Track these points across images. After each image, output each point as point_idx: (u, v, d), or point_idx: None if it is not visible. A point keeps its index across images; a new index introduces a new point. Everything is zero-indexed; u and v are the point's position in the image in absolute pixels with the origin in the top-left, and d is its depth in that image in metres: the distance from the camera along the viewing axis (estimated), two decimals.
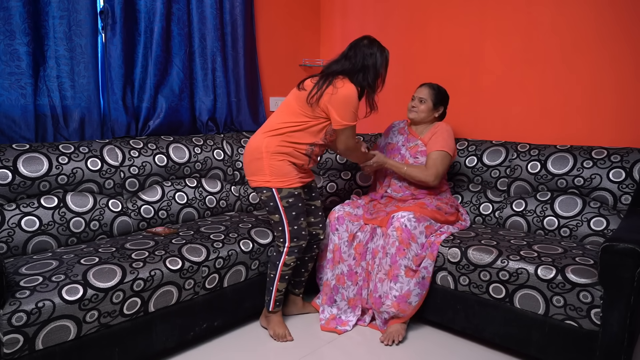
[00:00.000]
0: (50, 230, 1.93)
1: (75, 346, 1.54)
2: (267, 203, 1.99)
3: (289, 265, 2.02)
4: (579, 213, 2.16)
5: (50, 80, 2.17)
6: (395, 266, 2.01)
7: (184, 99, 2.67)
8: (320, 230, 2.21)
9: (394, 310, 2.02)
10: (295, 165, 2.00)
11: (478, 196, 2.50)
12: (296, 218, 1.99)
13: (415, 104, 2.39)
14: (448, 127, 2.36)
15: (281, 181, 1.95)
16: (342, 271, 2.21)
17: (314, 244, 2.20)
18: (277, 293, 2.04)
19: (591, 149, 2.24)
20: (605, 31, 2.31)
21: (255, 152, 1.99)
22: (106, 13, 2.31)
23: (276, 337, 2.05)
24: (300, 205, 2.00)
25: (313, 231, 2.19)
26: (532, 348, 1.80)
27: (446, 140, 2.30)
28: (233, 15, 2.82)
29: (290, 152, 1.97)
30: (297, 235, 2.00)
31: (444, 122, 2.42)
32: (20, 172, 1.91)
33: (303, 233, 2.02)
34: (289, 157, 1.97)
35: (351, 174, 2.95)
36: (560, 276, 1.72)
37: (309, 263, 2.23)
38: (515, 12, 2.59)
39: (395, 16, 3.11)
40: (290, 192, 1.97)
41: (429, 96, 2.37)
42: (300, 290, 2.28)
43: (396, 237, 2.02)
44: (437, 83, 2.44)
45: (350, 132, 2.00)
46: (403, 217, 2.04)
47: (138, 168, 2.28)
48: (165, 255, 1.83)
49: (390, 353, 1.97)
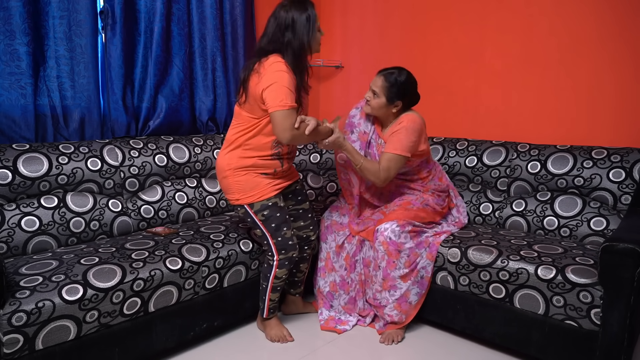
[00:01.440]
0: (50, 230, 1.93)
1: (75, 346, 1.54)
2: (246, 219, 1.94)
3: (280, 278, 1.97)
4: (579, 213, 2.15)
5: (50, 80, 2.17)
6: (389, 278, 2.00)
7: (184, 99, 2.67)
8: (312, 232, 2.16)
9: (396, 311, 2.02)
10: (266, 175, 1.88)
11: (478, 196, 2.50)
12: (277, 229, 1.89)
13: (369, 96, 2.09)
14: (410, 124, 2.04)
15: (250, 196, 1.85)
16: (335, 280, 2.20)
17: (305, 245, 2.15)
18: (270, 302, 2.01)
19: (591, 149, 2.24)
20: (605, 31, 2.31)
21: (221, 172, 1.91)
22: (106, 13, 2.30)
23: (275, 339, 2.03)
24: (279, 215, 1.88)
25: (304, 234, 2.14)
26: (532, 348, 1.80)
27: (402, 141, 2.01)
28: (233, 15, 2.82)
29: (253, 163, 1.85)
30: (284, 246, 1.92)
31: (410, 115, 2.09)
32: (20, 172, 1.91)
33: (290, 243, 1.92)
34: (254, 168, 1.86)
35: None
36: (560, 276, 1.72)
37: (300, 264, 2.18)
38: (515, 13, 2.59)
39: (396, 16, 3.11)
40: (264, 204, 1.86)
41: (382, 91, 2.05)
42: (297, 290, 2.26)
43: (384, 251, 2.00)
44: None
45: (282, 116, 1.70)
46: (386, 229, 1.99)
47: (138, 168, 2.27)
48: (165, 255, 1.83)
49: (390, 353, 1.97)
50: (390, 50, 3.15)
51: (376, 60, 3.22)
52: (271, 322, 2.07)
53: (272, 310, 2.04)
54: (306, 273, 2.25)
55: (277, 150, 1.88)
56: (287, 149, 1.91)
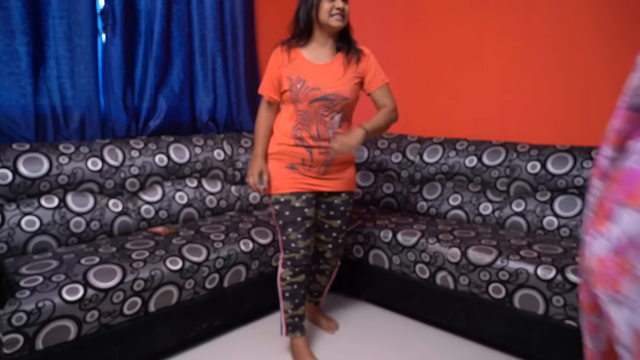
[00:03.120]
0: (50, 230, 1.93)
1: (75, 346, 1.54)
2: None
3: (285, 280, 1.83)
4: (578, 213, 2.16)
5: (50, 81, 2.17)
6: None
7: (184, 99, 2.67)
8: (328, 251, 1.99)
9: None
10: (293, 168, 1.78)
11: (478, 196, 2.50)
12: (284, 227, 1.79)
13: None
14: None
15: (271, 186, 1.81)
16: None
17: (320, 259, 2.02)
18: (284, 314, 1.86)
19: (591, 149, 2.24)
20: (604, 31, 2.32)
21: None
22: (106, 13, 2.31)
23: None
24: (288, 214, 1.77)
25: (320, 249, 1.99)
26: (532, 348, 1.81)
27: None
28: (233, 15, 2.82)
29: (279, 150, 1.79)
30: (287, 246, 1.81)
31: None
32: (21, 172, 1.91)
33: (293, 245, 1.79)
34: (279, 156, 1.80)
35: None
36: (560, 276, 1.72)
37: (316, 274, 2.07)
38: (514, 13, 2.59)
39: (396, 17, 3.11)
40: (276, 198, 1.79)
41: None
42: (312, 298, 2.16)
43: None
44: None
45: None
46: None
47: (138, 168, 2.28)
48: (165, 255, 1.83)
49: (391, 353, 1.97)
50: (390, 51, 3.16)
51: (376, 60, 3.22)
52: (296, 344, 1.87)
53: (290, 327, 1.86)
54: (327, 287, 2.15)
55: (298, 135, 1.76)
56: (307, 135, 1.75)
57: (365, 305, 2.43)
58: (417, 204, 2.66)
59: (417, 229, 2.21)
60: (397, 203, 2.78)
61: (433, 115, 3.00)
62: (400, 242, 2.17)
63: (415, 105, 3.07)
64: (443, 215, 2.55)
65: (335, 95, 1.73)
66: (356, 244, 2.35)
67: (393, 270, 2.22)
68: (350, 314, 2.32)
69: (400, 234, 2.19)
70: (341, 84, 1.75)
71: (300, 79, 1.74)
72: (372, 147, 2.95)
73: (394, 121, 1.87)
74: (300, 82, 1.73)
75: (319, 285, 2.14)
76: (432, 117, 3.01)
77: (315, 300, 2.20)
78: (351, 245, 2.37)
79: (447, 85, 2.91)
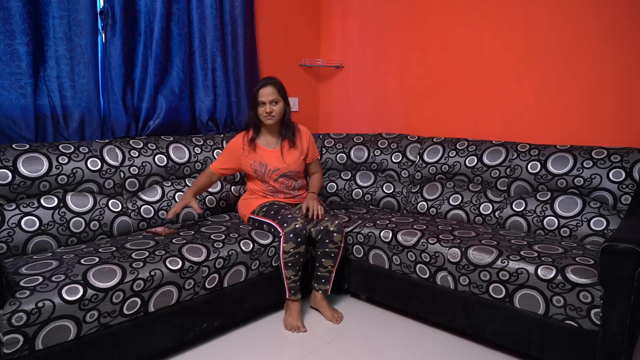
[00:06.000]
0: (50, 230, 1.93)
1: (75, 346, 1.54)
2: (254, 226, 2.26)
3: (288, 252, 2.06)
4: (579, 213, 2.15)
5: (50, 80, 2.17)
6: None
7: (184, 99, 2.67)
8: (328, 222, 2.18)
9: None
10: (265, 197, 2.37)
11: (478, 196, 2.50)
12: (276, 213, 2.17)
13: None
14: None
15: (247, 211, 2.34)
16: None
17: (326, 239, 2.17)
18: (287, 280, 2.11)
19: (591, 149, 2.24)
20: (605, 31, 2.32)
21: None
22: (106, 13, 2.31)
23: (288, 327, 2.11)
24: (275, 206, 2.22)
25: (321, 226, 2.19)
26: (532, 348, 1.80)
27: None
28: (233, 15, 2.82)
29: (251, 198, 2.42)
30: (285, 221, 2.09)
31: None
32: (20, 172, 1.91)
33: (290, 216, 2.11)
34: (250, 200, 2.40)
35: (351, 174, 2.95)
36: (560, 276, 1.72)
37: (323, 259, 2.20)
38: (515, 12, 2.59)
39: (396, 16, 3.11)
40: (258, 208, 2.29)
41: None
42: (319, 286, 2.25)
43: None
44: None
45: None
46: None
47: (138, 168, 2.27)
48: (165, 255, 1.83)
49: (391, 353, 1.97)
50: (390, 50, 3.16)
51: (376, 60, 3.23)
52: (291, 307, 2.15)
53: (292, 291, 2.12)
54: (333, 272, 2.23)
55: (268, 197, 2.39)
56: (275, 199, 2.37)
57: (365, 305, 2.42)
58: (417, 204, 2.66)
59: (417, 229, 2.21)
60: (397, 203, 2.78)
61: (433, 115, 3.01)
62: (401, 242, 2.17)
63: (415, 105, 3.07)
64: (443, 215, 2.55)
65: (291, 172, 2.35)
66: (356, 244, 2.35)
67: (393, 270, 2.22)
68: (350, 313, 2.31)
69: (400, 234, 2.18)
70: (293, 162, 2.35)
71: (262, 164, 2.30)
72: (372, 147, 2.95)
73: None
74: (263, 167, 2.30)
75: (326, 270, 2.22)
76: (432, 116, 3.01)
77: (323, 288, 2.25)
78: (351, 245, 2.37)
79: (448, 85, 2.91)
